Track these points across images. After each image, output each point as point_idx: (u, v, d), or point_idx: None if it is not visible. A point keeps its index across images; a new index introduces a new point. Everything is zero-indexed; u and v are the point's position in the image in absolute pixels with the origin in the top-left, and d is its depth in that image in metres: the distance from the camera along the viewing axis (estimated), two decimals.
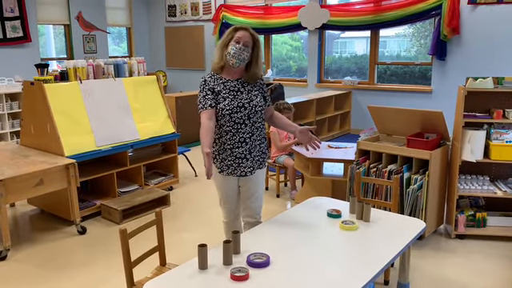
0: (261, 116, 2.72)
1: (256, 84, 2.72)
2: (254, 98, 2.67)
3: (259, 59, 2.69)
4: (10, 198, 3.36)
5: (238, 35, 2.61)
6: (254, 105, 2.66)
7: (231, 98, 2.63)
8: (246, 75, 2.68)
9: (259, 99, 2.69)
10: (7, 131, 6.63)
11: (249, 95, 2.67)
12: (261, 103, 2.69)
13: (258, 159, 2.74)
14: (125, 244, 2.16)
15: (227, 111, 2.60)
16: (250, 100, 2.66)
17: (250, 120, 2.66)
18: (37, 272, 3.17)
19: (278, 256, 2.05)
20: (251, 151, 2.69)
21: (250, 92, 2.68)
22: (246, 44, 2.61)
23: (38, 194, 3.52)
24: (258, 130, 2.72)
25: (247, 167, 2.69)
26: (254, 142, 2.69)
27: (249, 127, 2.66)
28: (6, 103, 6.58)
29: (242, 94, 2.66)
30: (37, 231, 3.86)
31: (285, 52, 9.68)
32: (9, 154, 3.87)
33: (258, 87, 2.73)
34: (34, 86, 3.89)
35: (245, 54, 2.61)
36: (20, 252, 3.45)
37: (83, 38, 9.24)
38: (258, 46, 2.68)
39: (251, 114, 2.65)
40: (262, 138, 2.77)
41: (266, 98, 2.77)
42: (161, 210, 2.41)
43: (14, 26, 8.05)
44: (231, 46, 2.60)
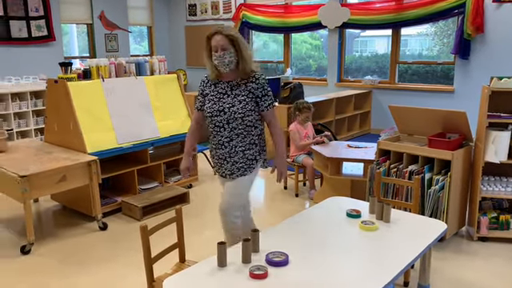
0: (242, 123, 2.65)
1: (247, 88, 2.64)
2: (236, 103, 2.63)
3: (244, 55, 2.60)
4: (34, 194, 3.44)
5: (213, 43, 2.59)
6: (234, 111, 2.62)
7: (215, 101, 2.68)
8: (238, 73, 2.65)
9: (243, 105, 2.62)
10: (31, 128, 6.78)
11: (233, 100, 2.64)
12: (243, 110, 2.62)
13: (240, 166, 2.73)
14: (145, 240, 2.18)
15: (208, 114, 2.70)
16: (231, 105, 2.64)
17: (229, 125, 2.66)
18: (59, 266, 3.24)
19: (297, 255, 2.05)
20: (231, 155, 2.72)
21: (236, 97, 2.65)
22: (223, 48, 2.56)
23: (60, 189, 3.59)
24: (238, 137, 2.68)
25: (227, 170, 2.76)
26: (234, 147, 2.70)
27: (227, 132, 2.68)
28: (31, 101, 6.73)
29: (226, 98, 2.66)
30: (59, 226, 3.95)
31: (304, 51, 9.65)
32: (33, 151, 3.96)
33: (249, 92, 2.64)
34: (57, 83, 3.97)
35: (227, 58, 2.58)
36: (43, 246, 3.53)
37: (105, 36, 9.37)
38: (238, 43, 2.59)
39: (230, 120, 2.64)
40: (246, 145, 2.70)
41: (259, 104, 2.67)
42: (181, 208, 2.44)
43: (39, 25, 8.23)
44: (214, 57, 2.61)
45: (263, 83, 2.67)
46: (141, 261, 2.46)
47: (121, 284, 3.00)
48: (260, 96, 2.66)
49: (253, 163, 2.75)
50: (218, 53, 2.57)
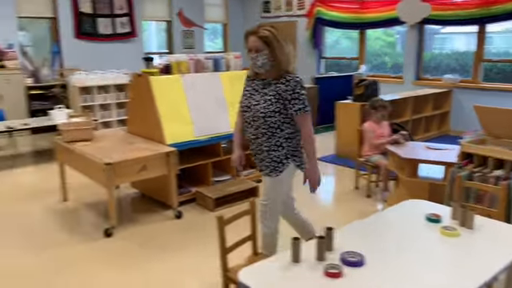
0: (265, 123, 2.58)
1: (276, 88, 2.54)
2: (262, 102, 2.57)
3: (279, 56, 2.52)
4: (117, 181, 3.67)
5: (248, 44, 2.57)
6: (257, 109, 2.58)
7: (247, 96, 2.67)
8: (272, 73, 2.57)
9: (266, 105, 2.55)
10: (114, 119, 7.24)
11: (260, 98, 2.59)
12: (266, 110, 2.55)
13: (266, 165, 2.67)
14: (221, 230, 2.25)
15: (240, 108, 2.74)
16: (257, 103, 2.59)
17: (254, 123, 2.63)
18: (138, 250, 3.44)
19: (373, 257, 2.00)
20: (257, 153, 2.70)
21: (264, 96, 2.59)
22: (257, 49, 2.52)
23: (140, 178, 3.80)
24: (263, 136, 2.61)
25: (257, 165, 2.76)
26: (258, 145, 2.66)
27: (253, 129, 2.65)
28: (114, 93, 7.18)
29: (256, 95, 2.63)
30: (138, 212, 4.18)
31: (378, 47, 9.36)
32: (117, 141, 4.22)
33: (276, 92, 2.54)
34: (141, 77, 4.19)
35: (260, 60, 2.52)
36: (124, 231, 3.76)
37: (182, 33, 9.74)
38: (273, 45, 2.51)
39: (254, 118, 2.61)
40: (272, 146, 2.62)
41: (288, 106, 2.54)
42: (254, 200, 2.48)
43: (123, 23, 8.74)
44: (249, 57, 2.59)
45: (294, 86, 2.53)
46: (213, 250, 2.56)
47: (195, 271, 3.12)
48: (289, 99, 2.54)
49: (278, 166, 2.64)
50: (252, 54, 2.54)
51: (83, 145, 3.97)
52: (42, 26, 8.35)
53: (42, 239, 3.61)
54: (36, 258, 3.30)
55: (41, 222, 3.94)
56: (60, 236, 3.69)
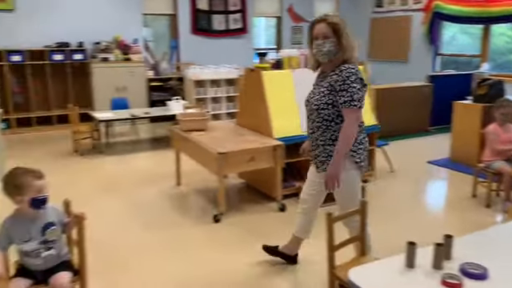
0: (319, 116, 2.53)
1: (329, 80, 2.49)
2: (316, 95, 2.56)
3: (345, 44, 2.47)
4: (227, 170, 3.83)
5: (314, 31, 2.52)
6: (312, 102, 2.58)
7: (311, 90, 2.67)
8: (334, 63, 2.51)
9: (319, 97, 2.52)
10: (223, 112, 7.57)
11: (316, 91, 2.59)
12: (319, 102, 2.51)
13: (322, 160, 2.60)
14: (330, 227, 2.23)
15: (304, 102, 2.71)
16: (313, 96, 2.59)
17: (310, 117, 2.62)
18: (243, 237, 3.57)
19: (496, 271, 1.83)
20: (313, 148, 2.66)
21: (319, 88, 2.57)
22: (324, 36, 2.47)
23: (248, 169, 3.93)
24: (318, 130, 2.57)
25: (314, 162, 2.70)
26: (315, 140, 2.62)
27: (310, 123, 2.64)
28: (225, 87, 7.50)
29: (314, 89, 2.64)
30: (244, 202, 4.33)
31: (502, 44, 8.48)
32: (227, 132, 4.41)
33: (329, 84, 2.49)
34: (253, 72, 4.32)
35: (327, 47, 2.47)
36: (230, 217, 3.93)
37: (291, 29, 9.82)
38: (341, 32, 2.47)
39: (311, 111, 2.60)
40: (327, 140, 2.56)
41: (336, 98, 2.45)
42: (366, 201, 2.41)
43: (236, 19, 9.07)
44: (314, 45, 2.53)
45: (346, 77, 2.42)
46: (317, 246, 2.55)
47: (297, 265, 3.15)
48: (337, 90, 2.45)
49: (325, 161, 2.58)
50: (319, 40, 2.49)
51: (198, 134, 4.22)
52: (162, 23, 9.03)
53: (158, 219, 3.92)
54: (154, 237, 3.60)
55: (157, 204, 4.28)
56: (174, 218, 3.97)
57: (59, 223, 2.26)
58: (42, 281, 2.22)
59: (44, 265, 2.22)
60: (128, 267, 3.11)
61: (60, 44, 7.40)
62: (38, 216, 2.19)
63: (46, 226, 2.20)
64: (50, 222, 2.22)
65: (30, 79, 7.25)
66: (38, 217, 2.19)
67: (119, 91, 7.63)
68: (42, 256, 2.20)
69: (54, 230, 2.22)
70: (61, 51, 7.34)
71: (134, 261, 3.19)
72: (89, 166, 5.56)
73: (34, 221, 2.19)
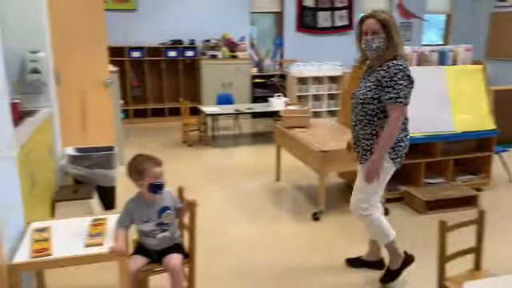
0: (363, 110, 2.57)
1: (377, 75, 2.51)
2: (362, 89, 2.59)
3: (395, 40, 2.48)
4: (329, 168, 3.79)
5: (364, 27, 2.53)
6: (357, 96, 2.61)
7: (360, 81, 2.70)
8: (382, 59, 2.52)
9: (365, 91, 2.56)
10: (324, 109, 7.51)
11: (362, 85, 2.62)
12: (364, 96, 2.55)
13: (363, 154, 2.65)
14: (442, 236, 2.09)
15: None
16: (359, 90, 2.62)
17: (355, 110, 2.64)
18: (343, 238, 3.52)
19: None
20: (355, 142, 2.71)
21: (366, 82, 2.60)
22: (373, 32, 2.48)
23: (351, 169, 3.81)
24: (360, 123, 2.61)
25: (356, 152, 2.73)
26: (357, 133, 2.66)
27: (354, 116, 2.67)
28: (327, 85, 7.43)
29: (361, 83, 2.66)
30: (343, 202, 4.24)
31: None
32: (329, 130, 4.37)
33: (376, 79, 2.51)
34: (360, 69, 4.20)
35: (376, 43, 2.49)
36: (330, 217, 3.89)
37: (400, 25, 9.38)
38: (390, 28, 2.48)
39: (355, 105, 2.63)
40: (367, 135, 2.60)
41: (381, 94, 2.48)
42: (484, 211, 2.22)
43: (341, 16, 8.91)
44: (362, 41, 2.55)
45: (394, 73, 2.45)
46: (422, 254, 2.41)
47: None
48: (384, 86, 2.48)
49: (365, 154, 2.63)
50: (368, 36, 2.50)
51: (300, 131, 4.24)
52: (267, 20, 9.20)
53: (258, 212, 4.03)
54: (254, 228, 3.71)
55: (257, 197, 4.40)
56: (273, 212, 4.05)
57: (173, 208, 2.43)
58: (157, 260, 2.40)
59: (159, 245, 2.40)
60: (229, 255, 3.24)
61: (174, 41, 7.93)
62: (156, 200, 2.38)
63: (162, 210, 2.38)
64: (166, 206, 2.39)
65: (147, 74, 7.89)
66: (155, 200, 2.38)
67: (225, 87, 7.95)
68: (157, 237, 2.39)
69: (168, 213, 2.39)
70: (174, 48, 7.86)
71: (235, 250, 3.32)
72: (195, 157, 5.90)
73: (152, 204, 2.38)
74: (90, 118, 4.35)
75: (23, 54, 3.44)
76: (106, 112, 4.47)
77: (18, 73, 3.46)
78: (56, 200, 3.32)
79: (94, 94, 4.33)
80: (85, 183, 3.65)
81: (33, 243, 2.20)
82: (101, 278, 2.84)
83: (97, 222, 2.45)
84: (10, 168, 2.23)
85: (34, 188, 2.83)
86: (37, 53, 3.48)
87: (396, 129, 2.50)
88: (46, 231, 2.33)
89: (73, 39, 4.14)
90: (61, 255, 2.11)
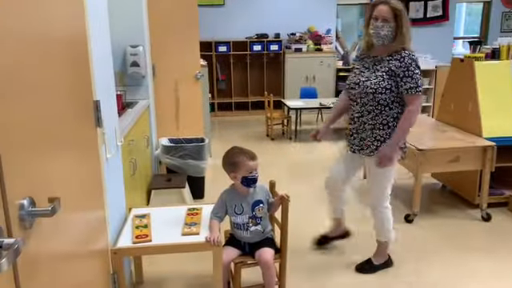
0: (374, 99, 2.53)
1: (389, 64, 2.49)
2: (372, 78, 2.53)
3: (404, 31, 2.46)
4: (426, 169, 3.55)
5: (375, 12, 2.48)
6: (366, 85, 2.53)
7: (356, 74, 2.64)
8: (389, 49, 2.51)
9: (377, 81, 2.51)
10: None
11: (371, 74, 2.55)
12: (376, 86, 2.50)
13: (369, 144, 2.63)
14: None
15: (347, 86, 2.68)
16: (367, 79, 2.55)
17: (362, 100, 2.58)
18: (435, 243, 3.29)
19: None
20: (358, 131, 2.67)
21: (375, 72, 2.55)
22: (384, 19, 2.44)
23: (450, 170, 3.58)
24: (369, 114, 2.58)
25: (354, 145, 2.73)
26: (362, 124, 2.63)
27: (359, 107, 2.61)
28: None
29: (366, 72, 2.59)
30: (438, 204, 3.98)
31: None
32: (427, 127, 4.09)
33: (388, 69, 2.49)
34: (463, 62, 3.89)
35: (385, 31, 2.46)
36: (423, 220, 3.65)
37: (502, 15, 8.59)
38: (401, 18, 2.45)
39: (362, 94, 2.56)
40: (377, 124, 2.58)
41: (399, 84, 2.47)
42: None
43: (435, 6, 8.36)
44: (371, 25, 2.50)
45: (409, 63, 2.46)
46: None
47: (504, 276, 2.75)
48: (401, 76, 2.48)
49: (378, 145, 2.60)
50: (378, 22, 2.46)
51: None
52: (353, 12, 8.91)
53: (346, 212, 3.89)
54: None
55: None
56: (360, 211, 3.89)
57: (266, 202, 2.41)
58: (248, 253, 2.40)
59: (251, 238, 2.40)
60: (316, 252, 3.16)
61: (259, 35, 7.96)
62: (250, 193, 2.38)
63: (255, 203, 2.37)
64: (259, 200, 2.38)
65: (232, 68, 8.02)
66: (249, 193, 2.38)
67: (308, 81, 7.84)
68: (250, 230, 2.38)
69: (261, 207, 2.38)
70: (260, 42, 7.89)
71: (321, 247, 3.23)
72: (278, 151, 5.88)
73: (246, 197, 2.38)
74: (181, 110, 4.49)
75: (125, 48, 3.63)
76: (196, 105, 4.59)
77: (120, 66, 3.66)
78: (152, 188, 3.47)
79: (185, 87, 4.47)
80: (177, 173, 3.78)
81: (134, 229, 2.30)
82: (193, 266, 2.91)
83: (192, 211, 2.51)
84: (116, 156, 2.35)
85: (134, 176, 2.97)
86: (136, 47, 3.65)
87: (416, 117, 2.54)
88: (145, 218, 2.43)
89: (168, 34, 4.29)
90: (159, 242, 2.18)
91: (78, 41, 1.74)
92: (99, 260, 1.92)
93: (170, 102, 4.42)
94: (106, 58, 2.24)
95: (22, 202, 1.10)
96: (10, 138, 1.07)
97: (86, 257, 1.74)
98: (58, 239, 1.39)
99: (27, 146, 1.17)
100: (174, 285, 2.74)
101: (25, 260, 1.10)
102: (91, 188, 1.85)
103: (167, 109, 4.41)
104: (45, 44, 1.35)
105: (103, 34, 2.19)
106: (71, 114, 1.59)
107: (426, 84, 7.05)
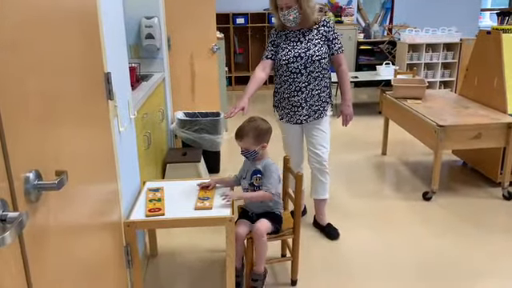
0: (319, 65, 2.72)
1: (319, 32, 2.73)
2: (312, 47, 2.71)
3: (307, 10, 2.64)
4: (447, 145, 3.44)
5: (278, 2, 2.65)
6: (311, 54, 2.69)
7: (289, 48, 2.73)
8: (304, 24, 2.72)
9: (318, 48, 2.70)
10: (437, 80, 6.89)
11: (307, 44, 2.71)
12: (319, 52, 2.70)
13: (315, 108, 2.82)
14: None
15: (284, 61, 2.73)
16: (307, 49, 2.70)
17: (307, 70, 2.72)
18: (455, 221, 3.22)
19: None
20: (307, 100, 2.79)
21: (310, 41, 2.72)
22: (288, 6, 2.62)
23: (472, 146, 3.46)
24: (315, 80, 2.75)
25: (302, 115, 2.84)
26: (310, 91, 2.77)
27: (305, 77, 2.73)
28: (442, 53, 6.78)
29: (300, 44, 2.72)
30: (458, 182, 3.89)
31: None
32: (449, 103, 3.96)
33: (321, 35, 2.73)
34: (490, 35, 3.72)
35: (292, 14, 2.64)
36: (442, 198, 3.57)
37: None
38: (300, 2, 2.60)
39: (308, 64, 2.70)
40: (321, 88, 2.79)
41: (330, 46, 2.75)
42: None
43: None
44: (280, 15, 2.68)
45: (333, 26, 2.78)
46: None
47: None
48: (331, 39, 2.75)
49: (326, 106, 2.85)
50: (283, 11, 2.64)
51: (414, 103, 3.91)
52: None
53: (364, 187, 3.84)
54: (360, 203, 3.54)
55: (362, 171, 4.20)
56: (380, 188, 3.84)
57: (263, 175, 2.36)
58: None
59: (254, 207, 2.42)
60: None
61: None
62: (255, 162, 2.37)
63: (253, 172, 2.38)
64: (258, 170, 2.36)
65: (250, 41, 7.88)
66: (254, 162, 2.37)
67: None
68: None
69: (257, 177, 2.37)
70: None
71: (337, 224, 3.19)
72: None
73: (252, 164, 2.41)
74: (197, 83, 4.45)
75: (139, 20, 3.57)
76: (212, 78, 4.54)
77: (135, 38, 3.62)
78: (167, 161, 3.47)
79: (201, 60, 4.41)
80: (192, 147, 3.77)
81: (147, 202, 2.31)
82: (208, 239, 2.92)
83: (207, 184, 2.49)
84: (129, 129, 2.34)
85: (149, 149, 2.96)
86: (151, 18, 3.59)
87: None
88: (159, 191, 2.43)
89: (184, 5, 4.21)
90: (173, 216, 2.18)
91: (89, 11, 1.69)
92: (112, 233, 1.93)
93: (186, 75, 4.37)
94: (118, 29, 2.19)
95: (27, 175, 1.09)
96: (14, 109, 1.04)
97: (98, 229, 1.74)
98: (67, 212, 1.38)
99: (33, 117, 1.15)
100: (188, 258, 2.76)
101: (32, 233, 1.09)
102: (103, 161, 1.84)
103: (183, 82, 4.37)
104: (54, 14, 1.31)
105: (115, 4, 2.14)
106: (81, 85, 1.56)
107: (449, 58, 6.81)
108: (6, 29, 1.02)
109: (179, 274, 2.60)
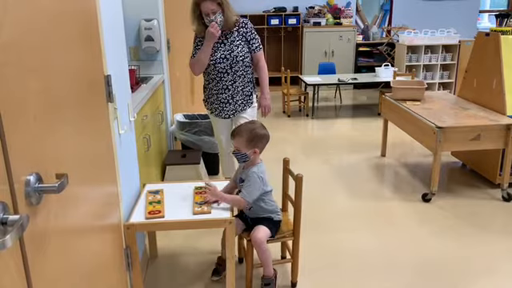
0: (243, 64, 3.01)
1: (239, 33, 2.99)
2: (235, 48, 2.99)
3: (229, 13, 2.91)
4: (446, 147, 3.44)
5: (203, 9, 2.87)
6: (235, 55, 2.98)
7: (214, 49, 2.98)
8: (226, 27, 2.94)
9: (240, 49, 2.99)
10: (436, 81, 6.91)
11: (230, 46, 2.99)
12: (242, 52, 2.99)
13: (240, 103, 3.10)
14: None
15: (212, 62, 2.98)
16: (231, 51, 2.98)
17: (232, 69, 3.00)
18: (454, 222, 3.22)
19: None
20: (233, 96, 3.08)
21: (232, 43, 2.99)
22: (213, 11, 2.86)
23: (471, 148, 3.47)
24: (240, 78, 3.04)
25: (230, 110, 3.12)
26: (236, 88, 3.06)
27: (231, 76, 3.02)
28: (441, 54, 6.79)
29: (224, 46, 2.99)
30: (457, 184, 3.89)
31: None
32: (447, 104, 3.97)
33: (242, 36, 3.00)
34: (488, 37, 3.73)
35: (219, 19, 2.89)
36: (441, 199, 3.58)
37: None
38: (223, 5, 2.87)
39: (233, 64, 2.99)
40: (245, 83, 3.08)
41: (249, 45, 3.03)
42: None
43: None
44: (206, 20, 2.91)
45: (251, 27, 3.05)
46: None
47: None
48: (250, 39, 3.03)
49: (250, 98, 3.14)
50: (210, 17, 2.87)
51: (414, 104, 3.91)
52: None
53: (362, 188, 3.85)
54: (357, 205, 3.54)
55: (361, 173, 4.20)
56: (378, 189, 3.84)
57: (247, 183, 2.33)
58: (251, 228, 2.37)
59: (250, 213, 2.38)
60: (330, 230, 3.14)
61: (277, 9, 7.78)
62: (247, 167, 2.35)
63: (240, 180, 2.37)
64: (242, 179, 2.34)
65: None
66: (246, 168, 2.36)
67: (327, 56, 7.68)
68: None
69: (242, 185, 2.34)
70: (277, 16, 7.72)
71: (337, 225, 3.20)
72: (295, 127, 5.82)
73: (241, 170, 2.40)
74: (196, 85, 4.45)
75: (139, 22, 3.58)
76: None
77: (134, 40, 3.62)
78: (166, 164, 3.47)
79: None
80: (192, 149, 3.77)
81: (147, 205, 2.30)
82: (208, 240, 2.92)
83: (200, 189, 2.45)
84: (129, 132, 2.34)
85: (149, 151, 2.96)
86: (151, 21, 3.59)
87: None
88: (159, 193, 2.43)
89: (183, 7, 4.20)
90: (172, 218, 2.18)
91: (89, 13, 1.69)
92: (112, 235, 1.93)
93: (185, 77, 4.37)
94: (118, 31, 2.20)
95: (28, 178, 1.09)
96: (14, 112, 1.04)
97: (98, 232, 1.74)
98: (67, 215, 1.38)
99: (33, 120, 1.15)
100: (187, 260, 2.76)
101: (33, 236, 1.10)
102: (103, 164, 1.84)
103: (182, 84, 4.37)
104: (55, 17, 1.32)
105: (115, 6, 2.14)
106: (81, 88, 1.56)
107: (448, 59, 6.83)
108: (7, 32, 1.02)
109: (179, 276, 2.60)
